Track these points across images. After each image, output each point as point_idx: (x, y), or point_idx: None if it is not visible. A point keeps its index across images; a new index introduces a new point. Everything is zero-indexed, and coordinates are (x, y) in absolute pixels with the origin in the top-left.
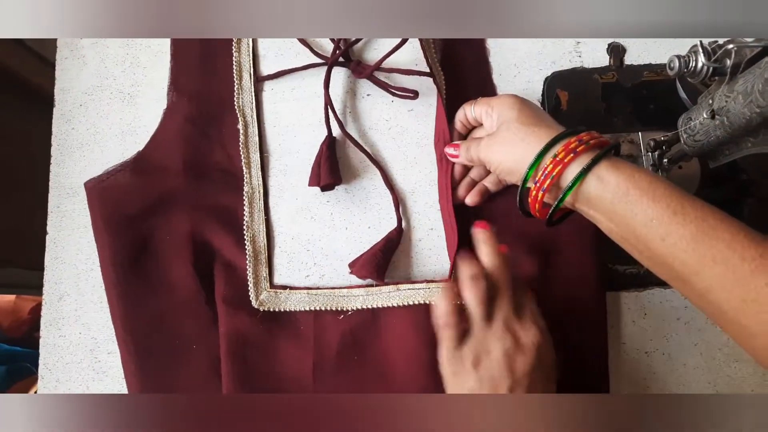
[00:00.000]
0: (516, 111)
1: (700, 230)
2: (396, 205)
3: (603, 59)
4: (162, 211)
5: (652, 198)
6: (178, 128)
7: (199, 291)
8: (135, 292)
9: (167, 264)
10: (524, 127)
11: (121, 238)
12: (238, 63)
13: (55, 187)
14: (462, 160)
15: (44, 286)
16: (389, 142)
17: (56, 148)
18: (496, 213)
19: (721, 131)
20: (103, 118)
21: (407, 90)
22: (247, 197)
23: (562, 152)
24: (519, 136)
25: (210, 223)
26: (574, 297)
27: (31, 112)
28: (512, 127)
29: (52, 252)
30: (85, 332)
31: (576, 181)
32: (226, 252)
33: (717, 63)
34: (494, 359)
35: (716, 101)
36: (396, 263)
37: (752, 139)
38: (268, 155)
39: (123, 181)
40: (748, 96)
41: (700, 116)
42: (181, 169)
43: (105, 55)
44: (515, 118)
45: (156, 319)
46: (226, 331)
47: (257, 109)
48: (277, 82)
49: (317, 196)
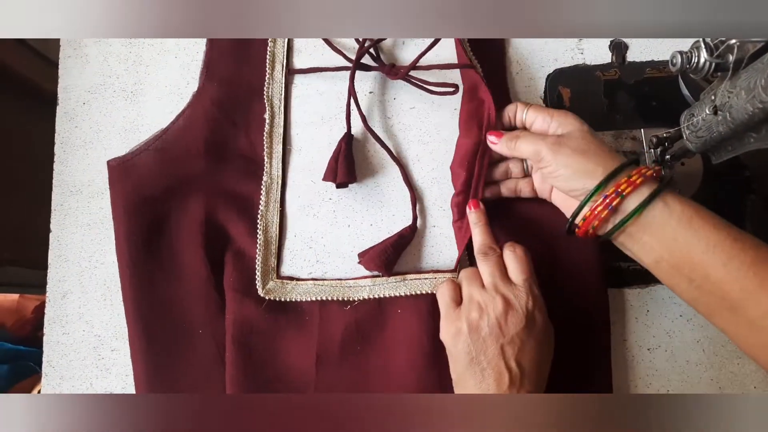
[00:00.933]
0: (585, 125)
1: (759, 256)
2: (413, 203)
3: (605, 56)
4: (180, 194)
5: (714, 226)
6: (204, 111)
7: (209, 276)
8: (147, 273)
9: (180, 247)
10: (597, 140)
11: (139, 218)
12: (272, 53)
13: (58, 185)
14: (502, 149)
15: (48, 284)
16: (410, 143)
17: (59, 146)
18: (498, 213)
19: (723, 127)
20: (106, 116)
21: (447, 85)
22: (265, 187)
23: (624, 183)
24: (593, 148)
25: (226, 210)
26: (578, 294)
27: (34, 111)
28: (587, 137)
29: (56, 250)
30: (88, 330)
31: (644, 206)
32: (239, 239)
33: (719, 59)
34: (486, 320)
35: (719, 97)
36: (404, 256)
37: (755, 135)
38: (290, 147)
39: (145, 160)
40: (751, 91)
41: (702, 112)
42: (203, 153)
43: (108, 54)
44: (588, 130)
45: (165, 302)
46: (233, 318)
47: (285, 101)
48: (307, 77)
49: (334, 192)
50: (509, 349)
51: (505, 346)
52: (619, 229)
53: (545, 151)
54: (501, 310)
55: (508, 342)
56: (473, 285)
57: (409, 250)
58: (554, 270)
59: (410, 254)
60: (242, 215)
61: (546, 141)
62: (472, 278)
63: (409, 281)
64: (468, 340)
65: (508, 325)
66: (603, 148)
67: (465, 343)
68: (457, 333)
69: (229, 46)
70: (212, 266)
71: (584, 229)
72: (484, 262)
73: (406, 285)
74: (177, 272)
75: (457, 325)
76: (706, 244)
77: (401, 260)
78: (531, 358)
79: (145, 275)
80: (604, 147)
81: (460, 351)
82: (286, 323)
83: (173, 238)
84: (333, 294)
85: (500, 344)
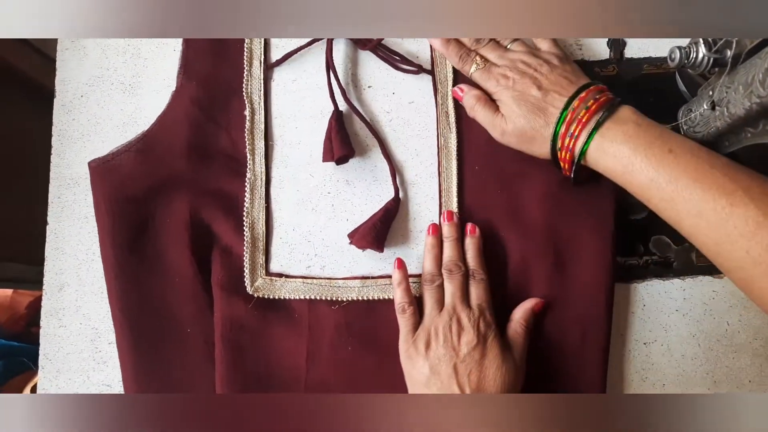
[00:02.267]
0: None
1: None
2: (393, 175)
3: (603, 52)
4: (164, 194)
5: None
6: (184, 111)
7: (196, 275)
8: (133, 273)
9: (166, 246)
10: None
11: (122, 219)
12: (249, 50)
13: (55, 177)
14: (465, 104)
15: (44, 276)
16: (390, 123)
17: (57, 138)
18: (507, 209)
19: (720, 122)
20: (103, 109)
21: (411, 63)
22: (249, 184)
23: (573, 122)
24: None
25: (211, 208)
26: (586, 295)
27: (32, 108)
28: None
29: (53, 243)
30: (85, 322)
31: (581, 156)
32: (225, 237)
33: (718, 54)
34: (441, 340)
35: (716, 92)
36: (393, 233)
37: (751, 130)
38: (272, 143)
39: (127, 161)
40: (749, 86)
41: (700, 107)
42: (185, 152)
43: (106, 46)
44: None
45: (152, 301)
46: (221, 316)
47: (265, 97)
48: (283, 71)
49: (318, 187)
50: (462, 368)
51: (458, 365)
52: (577, 174)
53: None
54: (455, 330)
55: (461, 361)
56: (431, 306)
57: (398, 225)
58: (563, 271)
59: (398, 228)
60: (228, 213)
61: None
62: (431, 296)
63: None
64: (423, 362)
65: (461, 344)
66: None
67: (420, 365)
68: (414, 355)
69: (206, 44)
70: (199, 265)
71: (564, 167)
72: (449, 279)
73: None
74: (163, 272)
75: (414, 347)
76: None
77: (392, 236)
78: (486, 376)
79: (131, 275)
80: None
81: (417, 372)
82: (275, 321)
83: (158, 237)
84: (322, 293)
85: (453, 363)
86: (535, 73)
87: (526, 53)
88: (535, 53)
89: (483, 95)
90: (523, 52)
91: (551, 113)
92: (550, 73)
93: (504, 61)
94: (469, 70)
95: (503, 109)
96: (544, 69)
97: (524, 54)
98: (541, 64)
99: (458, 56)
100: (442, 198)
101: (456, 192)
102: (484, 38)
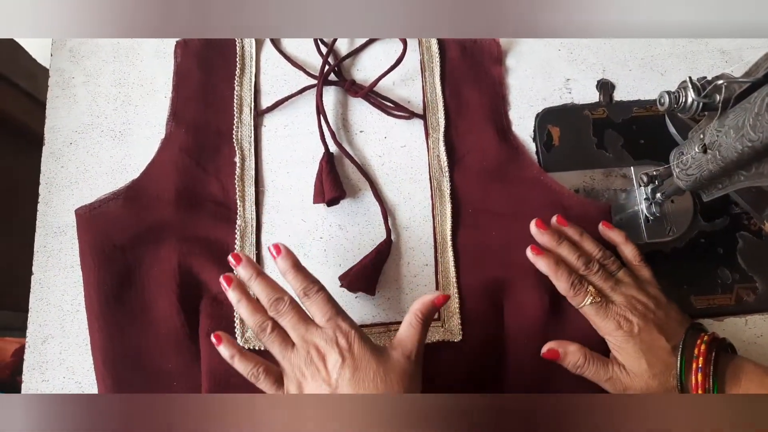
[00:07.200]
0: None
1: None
2: (385, 217)
3: (593, 96)
4: (151, 242)
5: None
6: (173, 159)
7: (183, 325)
8: (117, 324)
9: (153, 296)
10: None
11: (108, 267)
12: (239, 97)
13: (41, 225)
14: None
15: (28, 328)
16: (382, 167)
17: (44, 186)
18: (502, 251)
19: (713, 165)
20: (93, 156)
21: (404, 109)
22: (239, 230)
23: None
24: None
25: (199, 256)
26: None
27: (20, 153)
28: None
29: (37, 293)
30: (69, 376)
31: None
32: (214, 286)
33: (707, 98)
34: (308, 379)
35: (707, 136)
36: (386, 278)
37: (744, 173)
38: (263, 190)
39: (114, 209)
40: (740, 130)
41: (691, 150)
42: (174, 199)
43: (96, 94)
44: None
45: (137, 353)
46: (209, 369)
47: (255, 143)
48: (274, 117)
49: (310, 232)
50: (341, 392)
51: (337, 392)
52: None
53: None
54: (317, 359)
55: (336, 387)
56: (280, 350)
57: (391, 269)
58: (560, 307)
59: (391, 273)
60: (217, 261)
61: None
62: (273, 343)
63: (393, 332)
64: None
65: (330, 370)
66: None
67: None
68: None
69: (195, 91)
70: (186, 315)
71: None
72: (280, 317)
73: (390, 336)
74: (149, 322)
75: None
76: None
77: (383, 280)
78: (367, 387)
79: (115, 326)
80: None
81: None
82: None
83: (145, 286)
84: None
85: (331, 392)
86: (655, 317)
87: (636, 288)
88: (642, 287)
89: (590, 352)
90: (632, 285)
91: (673, 363)
92: (665, 316)
93: (619, 297)
94: (581, 302)
95: (627, 361)
96: (660, 313)
97: (635, 289)
98: (656, 303)
99: (569, 283)
100: (437, 241)
101: (450, 235)
102: (594, 262)
